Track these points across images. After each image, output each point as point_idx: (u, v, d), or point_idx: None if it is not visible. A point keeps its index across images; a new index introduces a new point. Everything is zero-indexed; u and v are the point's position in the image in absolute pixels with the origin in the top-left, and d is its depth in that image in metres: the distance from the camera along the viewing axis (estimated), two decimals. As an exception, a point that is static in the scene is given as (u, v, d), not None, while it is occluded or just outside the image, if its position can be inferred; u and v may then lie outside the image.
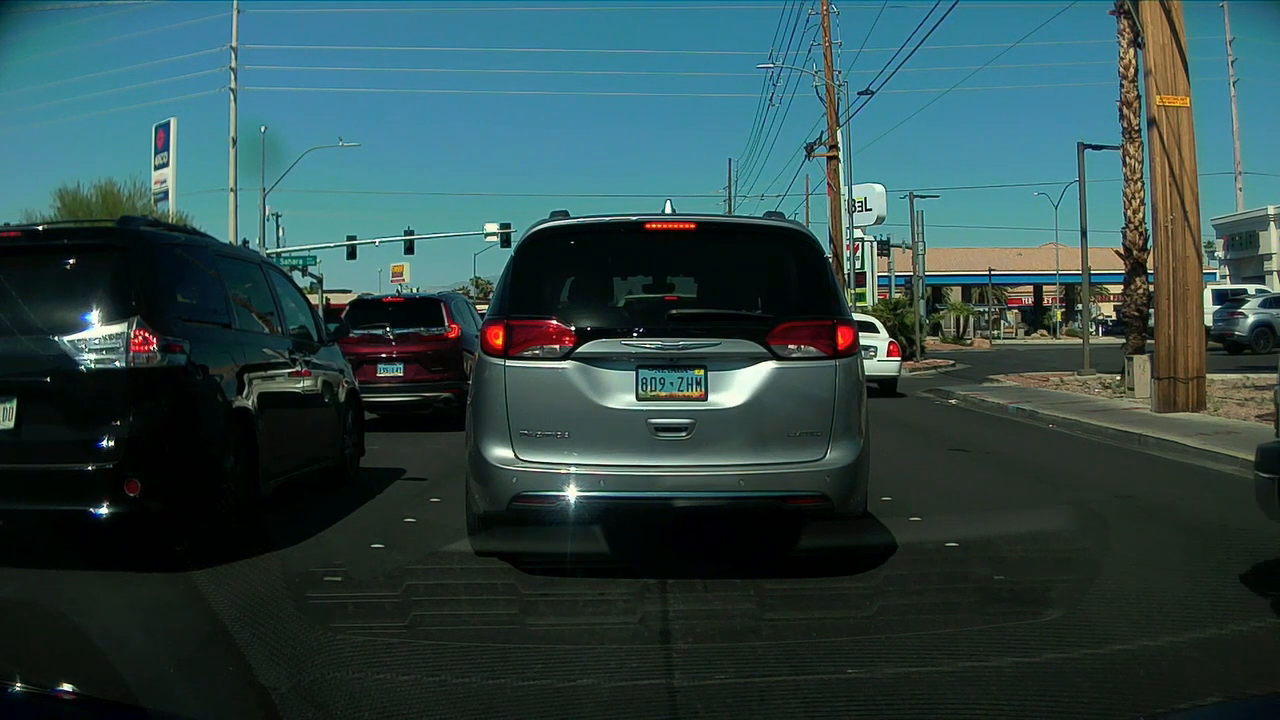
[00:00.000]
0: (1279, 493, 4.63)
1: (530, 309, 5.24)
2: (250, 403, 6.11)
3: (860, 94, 30.55)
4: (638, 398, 5.06)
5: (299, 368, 7.24)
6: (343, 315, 12.52)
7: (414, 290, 31.11)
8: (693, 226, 5.56)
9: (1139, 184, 18.88)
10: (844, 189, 33.87)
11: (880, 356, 18.39)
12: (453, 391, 12.26)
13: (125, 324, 5.26)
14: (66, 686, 2.43)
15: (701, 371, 5.09)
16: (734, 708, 3.55)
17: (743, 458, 5.03)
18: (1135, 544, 5.86)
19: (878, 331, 19.82)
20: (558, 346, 5.09)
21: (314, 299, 27.94)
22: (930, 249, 41.04)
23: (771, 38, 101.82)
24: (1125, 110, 19.16)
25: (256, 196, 38.19)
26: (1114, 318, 52.29)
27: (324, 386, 7.73)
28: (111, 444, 5.14)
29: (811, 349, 5.15)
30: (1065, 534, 6.31)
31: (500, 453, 5.06)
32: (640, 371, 5.08)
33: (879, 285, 46.74)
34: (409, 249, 41.75)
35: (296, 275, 34.86)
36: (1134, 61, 18.39)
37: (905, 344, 33.46)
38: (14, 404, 5.18)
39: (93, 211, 30.18)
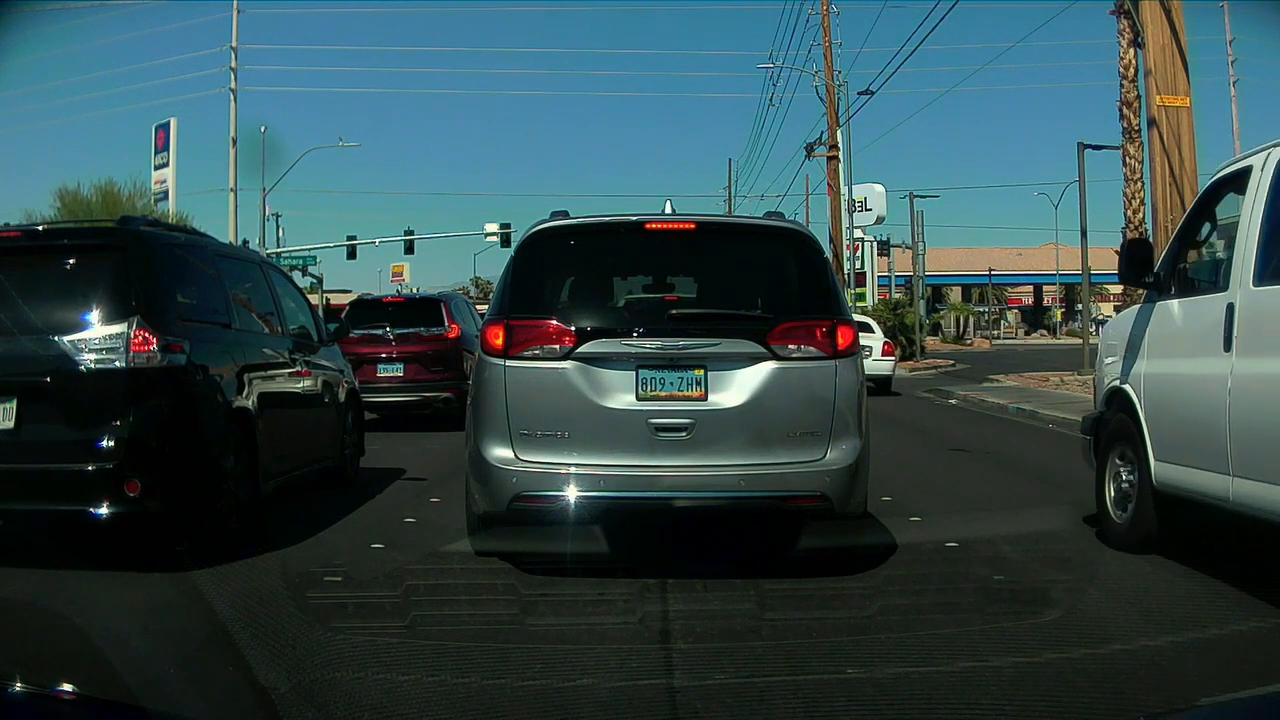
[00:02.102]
0: (1093, 449, 6.38)
1: (530, 309, 5.24)
2: (250, 403, 6.11)
3: (860, 94, 30.55)
4: (638, 398, 5.06)
5: (299, 368, 7.24)
6: (343, 315, 12.51)
7: (414, 290, 31.10)
8: (693, 226, 5.56)
9: (1139, 184, 18.89)
10: (844, 189, 33.92)
11: (875, 356, 18.64)
12: (453, 391, 12.25)
13: (125, 324, 5.25)
14: (66, 686, 2.44)
15: (701, 371, 5.09)
16: (734, 708, 3.55)
17: (743, 458, 5.03)
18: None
19: (873, 331, 20.09)
20: (558, 346, 5.09)
21: (314, 299, 27.92)
22: (930, 249, 41.10)
23: (771, 38, 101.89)
24: (1125, 110, 19.16)
25: (256, 196, 38.24)
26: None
27: (324, 386, 7.73)
28: (111, 444, 5.14)
29: (811, 349, 5.15)
30: (1065, 534, 6.31)
31: (500, 453, 5.06)
32: (640, 371, 5.08)
33: (879, 285, 46.78)
34: (409, 249, 41.74)
35: (296, 275, 34.84)
36: (1134, 61, 18.38)
37: (905, 344, 33.54)
38: (14, 404, 5.17)
39: (93, 211, 30.19)
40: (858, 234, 38.92)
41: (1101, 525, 6.14)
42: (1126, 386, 5.95)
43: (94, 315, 5.32)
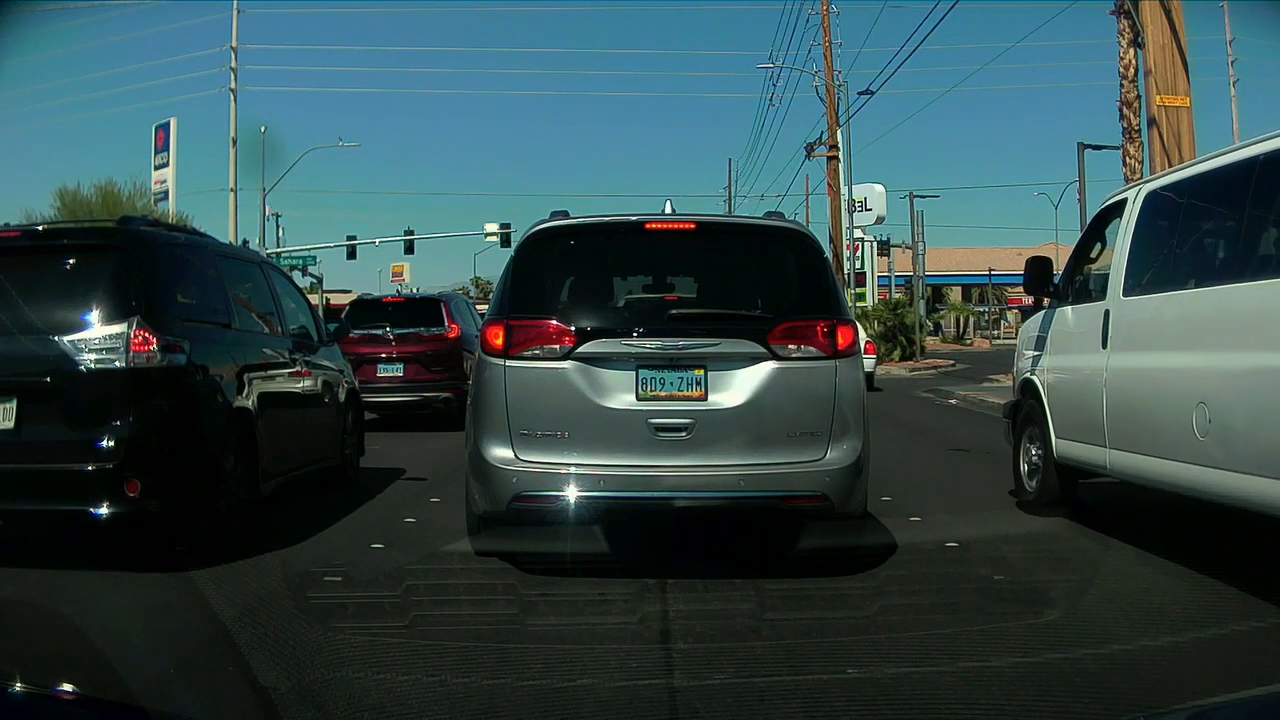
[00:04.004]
0: (1012, 429, 7.59)
1: (530, 309, 5.24)
2: (250, 403, 6.11)
3: (860, 94, 30.68)
4: (638, 398, 5.06)
5: (299, 368, 7.24)
6: (343, 315, 12.52)
7: (414, 290, 31.07)
8: (693, 226, 5.56)
9: (1139, 184, 18.84)
10: (844, 189, 33.90)
11: None
12: (453, 391, 12.25)
13: (125, 324, 5.26)
14: (66, 686, 2.43)
15: (701, 371, 5.09)
16: (734, 708, 3.55)
17: (743, 458, 5.03)
18: (1135, 543, 5.86)
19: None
20: (558, 346, 5.09)
21: (314, 299, 27.92)
22: (930, 249, 41.10)
23: (771, 38, 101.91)
24: (1125, 110, 19.11)
25: (256, 196, 38.23)
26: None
27: (324, 386, 7.73)
28: (111, 444, 5.14)
29: (811, 349, 5.15)
30: (1065, 534, 6.31)
31: (500, 453, 5.06)
32: (640, 371, 5.08)
33: (879, 285, 46.75)
34: (409, 249, 41.73)
35: (296, 275, 34.83)
36: (1134, 61, 18.35)
37: (905, 344, 33.54)
38: (14, 404, 5.17)
39: (93, 211, 30.18)
40: (858, 234, 38.89)
41: (1018, 494, 7.36)
42: (1034, 377, 7.14)
43: (94, 315, 5.32)
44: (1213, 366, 4.99)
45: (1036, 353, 7.21)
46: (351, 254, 39.94)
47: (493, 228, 39.71)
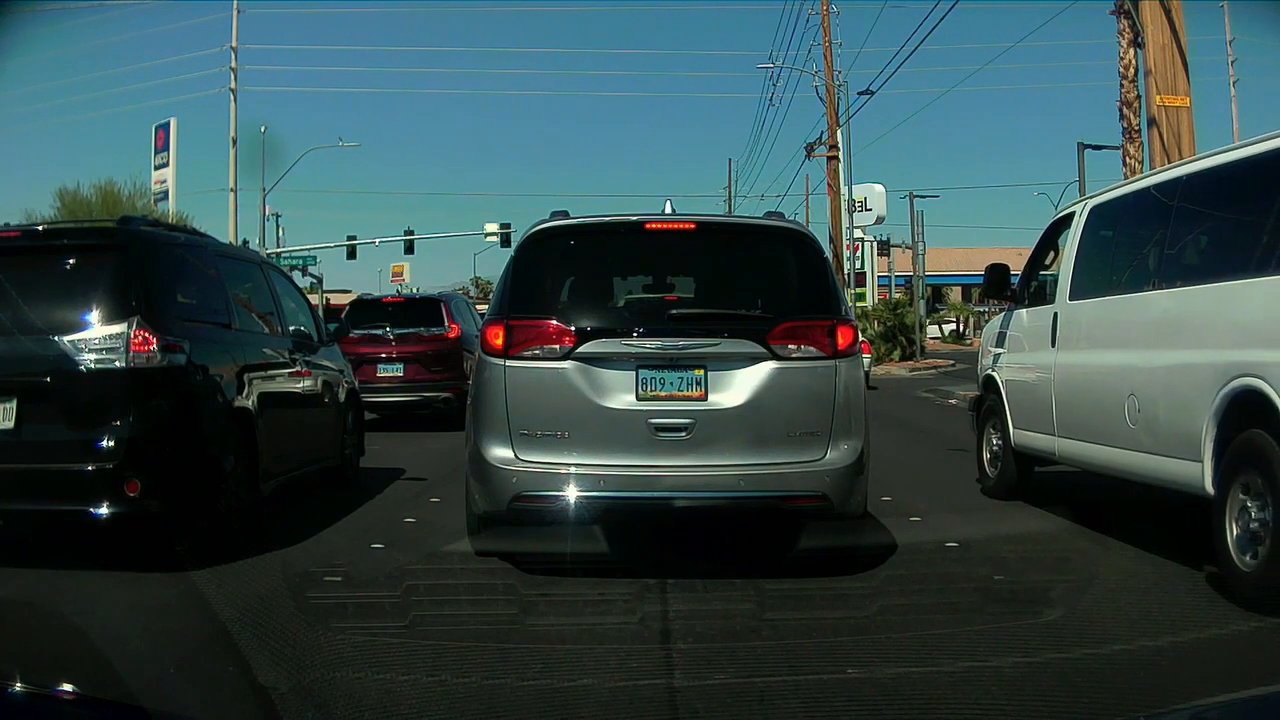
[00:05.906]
0: (976, 421, 8.22)
1: (530, 309, 5.24)
2: (250, 403, 6.11)
3: (860, 94, 30.70)
4: (638, 398, 5.06)
5: (299, 368, 7.24)
6: (343, 315, 12.53)
7: (414, 290, 31.05)
8: (693, 226, 5.56)
9: (1139, 184, 18.81)
10: (844, 189, 33.89)
11: None
12: (453, 391, 12.26)
13: (125, 324, 5.26)
14: (66, 686, 2.43)
15: (701, 371, 5.09)
16: (734, 708, 3.55)
17: (743, 458, 5.03)
18: (1135, 543, 5.87)
19: None
20: (558, 346, 5.09)
21: (314, 299, 27.93)
22: (930, 249, 40.98)
23: (771, 38, 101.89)
24: (1125, 110, 19.10)
25: (256, 196, 38.17)
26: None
27: (324, 386, 7.73)
28: (111, 444, 5.14)
29: (812, 349, 5.15)
30: (1065, 534, 6.31)
31: (500, 453, 5.06)
32: (640, 371, 5.08)
33: (879, 285, 46.71)
34: (409, 249, 41.69)
35: (296, 275, 34.81)
36: (1134, 61, 18.35)
37: (905, 344, 33.54)
38: (14, 404, 5.18)
39: (93, 211, 30.20)
40: (858, 234, 38.87)
41: (981, 480, 8.00)
42: (994, 373, 7.82)
43: (94, 315, 5.32)
44: (1140, 363, 5.66)
45: (997, 350, 7.90)
46: (351, 254, 39.91)
47: (493, 228, 39.66)
